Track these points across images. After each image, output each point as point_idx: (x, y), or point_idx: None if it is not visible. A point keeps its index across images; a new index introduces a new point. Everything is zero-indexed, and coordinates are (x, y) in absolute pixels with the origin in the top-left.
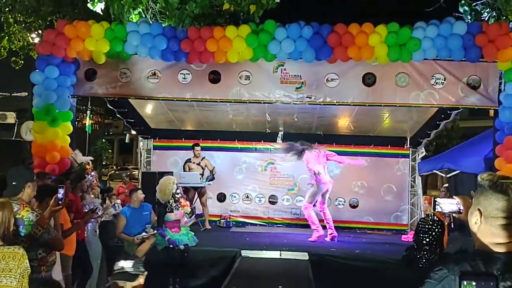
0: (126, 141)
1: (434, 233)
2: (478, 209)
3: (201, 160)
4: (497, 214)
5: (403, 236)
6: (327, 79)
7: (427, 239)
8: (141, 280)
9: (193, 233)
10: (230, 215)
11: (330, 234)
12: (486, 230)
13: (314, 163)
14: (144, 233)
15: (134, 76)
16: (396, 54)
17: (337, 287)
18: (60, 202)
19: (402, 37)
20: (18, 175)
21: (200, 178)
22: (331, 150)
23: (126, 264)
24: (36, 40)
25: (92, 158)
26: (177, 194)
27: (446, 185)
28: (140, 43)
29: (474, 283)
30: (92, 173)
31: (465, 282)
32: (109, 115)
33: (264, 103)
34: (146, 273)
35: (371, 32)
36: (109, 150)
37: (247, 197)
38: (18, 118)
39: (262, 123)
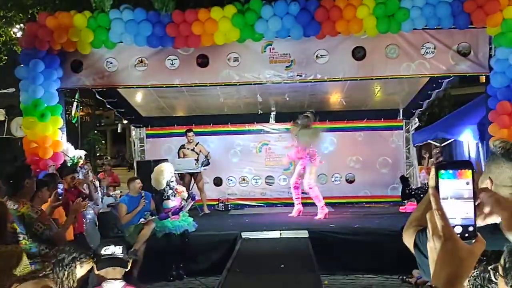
0: (119, 131)
1: None
2: (489, 178)
3: (195, 145)
4: (508, 183)
5: (400, 207)
6: (316, 56)
7: None
8: (129, 265)
9: (192, 219)
10: (227, 199)
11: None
12: None
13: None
14: (142, 219)
15: (121, 65)
16: (385, 25)
17: (339, 262)
18: (60, 197)
19: (390, 7)
20: (14, 173)
21: (196, 164)
22: (324, 127)
23: (116, 250)
24: (19, 34)
25: (85, 152)
26: (172, 181)
27: (435, 154)
28: (124, 31)
29: (451, 171)
30: (85, 167)
31: (442, 171)
32: (99, 106)
33: (254, 84)
34: (138, 260)
35: (359, 4)
36: (102, 141)
37: (244, 179)
38: (7, 115)
39: (254, 104)
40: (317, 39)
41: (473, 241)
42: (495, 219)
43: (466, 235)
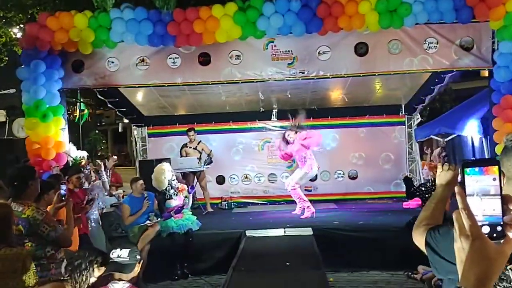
0: (120, 130)
1: None
2: (502, 171)
3: (198, 144)
4: None
5: (404, 203)
6: (319, 52)
7: None
8: (136, 269)
9: (196, 217)
10: (231, 197)
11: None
12: (508, 192)
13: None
14: (148, 221)
15: (122, 64)
16: (387, 20)
17: (344, 259)
18: (63, 198)
19: (393, 2)
20: (18, 175)
21: (198, 162)
22: (326, 124)
23: (122, 253)
24: (19, 35)
25: (86, 154)
26: (174, 180)
27: (439, 150)
28: (125, 30)
29: (477, 169)
30: (88, 167)
31: (468, 170)
32: (100, 106)
33: (256, 82)
34: (142, 261)
35: (361, 0)
36: (103, 141)
37: (246, 177)
38: (8, 115)
39: (256, 102)
40: (319, 36)
41: (502, 241)
42: None
43: (495, 235)
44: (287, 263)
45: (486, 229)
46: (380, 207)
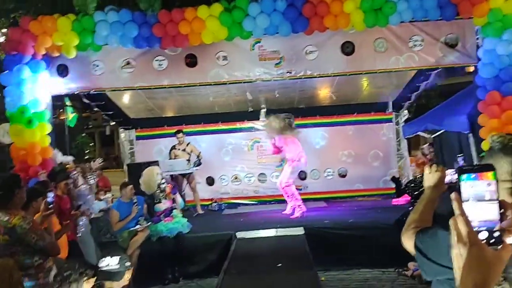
0: (107, 133)
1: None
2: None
3: (187, 145)
4: (506, 177)
5: (393, 200)
6: (305, 52)
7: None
8: (127, 276)
9: (186, 220)
10: (221, 198)
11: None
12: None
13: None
14: (138, 226)
15: (107, 68)
16: (372, 19)
17: (335, 257)
18: (50, 206)
19: (377, 1)
20: (4, 184)
21: (188, 164)
22: (314, 123)
23: (111, 261)
24: (1, 39)
25: (73, 158)
26: (163, 184)
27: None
28: (110, 32)
29: (473, 175)
30: (75, 172)
31: (464, 176)
32: (86, 109)
33: (244, 82)
34: (132, 268)
35: None
36: (90, 144)
37: (236, 178)
38: None
39: (244, 102)
40: (306, 35)
41: (499, 247)
42: None
43: (492, 240)
44: (279, 264)
45: (483, 235)
46: (370, 204)
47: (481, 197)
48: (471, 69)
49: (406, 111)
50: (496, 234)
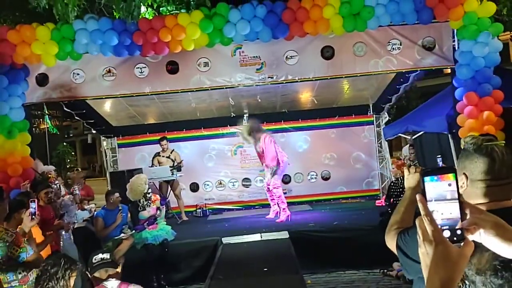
0: (89, 141)
1: None
2: (464, 173)
3: (171, 153)
4: (483, 177)
5: (377, 201)
6: (286, 57)
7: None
8: (119, 269)
9: (170, 227)
10: (205, 204)
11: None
12: (471, 193)
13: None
14: (122, 234)
15: (88, 76)
16: (351, 24)
17: (320, 260)
18: (34, 217)
19: (355, 6)
20: None
21: (171, 171)
22: (297, 126)
23: (104, 256)
24: None
25: (54, 168)
26: (148, 193)
27: (407, 147)
28: (89, 41)
29: (435, 177)
30: (56, 182)
31: (427, 178)
32: (67, 117)
33: (226, 88)
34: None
35: (325, 4)
36: (72, 153)
37: (220, 183)
38: None
39: (226, 107)
40: (286, 41)
41: (462, 244)
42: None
43: (455, 238)
44: (265, 269)
45: (447, 233)
46: (353, 206)
47: (443, 196)
48: (449, 70)
49: (386, 114)
50: (459, 232)
